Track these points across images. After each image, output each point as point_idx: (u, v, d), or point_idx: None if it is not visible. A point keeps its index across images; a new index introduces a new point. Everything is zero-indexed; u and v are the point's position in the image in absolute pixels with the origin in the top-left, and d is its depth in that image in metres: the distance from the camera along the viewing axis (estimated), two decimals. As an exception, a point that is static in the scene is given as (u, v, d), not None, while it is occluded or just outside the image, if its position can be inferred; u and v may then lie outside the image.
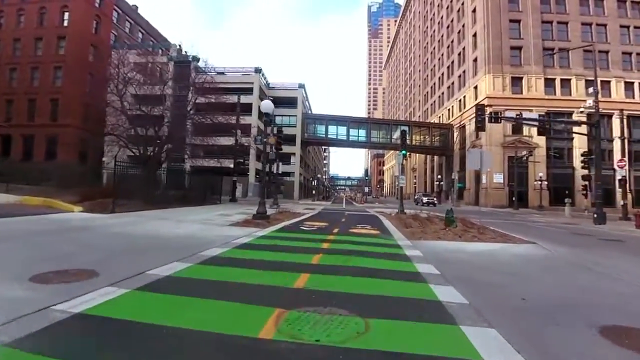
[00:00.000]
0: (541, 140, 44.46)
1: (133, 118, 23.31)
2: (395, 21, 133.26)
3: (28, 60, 44.56)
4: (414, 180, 73.89)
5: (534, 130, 46.92)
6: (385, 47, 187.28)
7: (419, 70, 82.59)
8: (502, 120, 27.55)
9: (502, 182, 44.81)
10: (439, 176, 54.14)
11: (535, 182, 42.91)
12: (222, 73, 47.70)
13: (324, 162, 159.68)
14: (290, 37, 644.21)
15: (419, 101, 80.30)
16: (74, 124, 45.57)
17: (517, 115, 26.99)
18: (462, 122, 53.29)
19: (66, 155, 43.12)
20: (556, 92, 47.01)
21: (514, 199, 41.15)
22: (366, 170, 70.22)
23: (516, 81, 47.35)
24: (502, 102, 44.84)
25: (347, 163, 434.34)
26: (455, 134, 56.12)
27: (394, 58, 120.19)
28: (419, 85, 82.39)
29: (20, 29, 44.87)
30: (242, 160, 27.32)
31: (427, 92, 75.23)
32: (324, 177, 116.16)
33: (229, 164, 47.94)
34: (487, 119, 23.10)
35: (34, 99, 44.75)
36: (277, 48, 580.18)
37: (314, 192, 47.42)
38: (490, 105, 45.20)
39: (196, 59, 43.53)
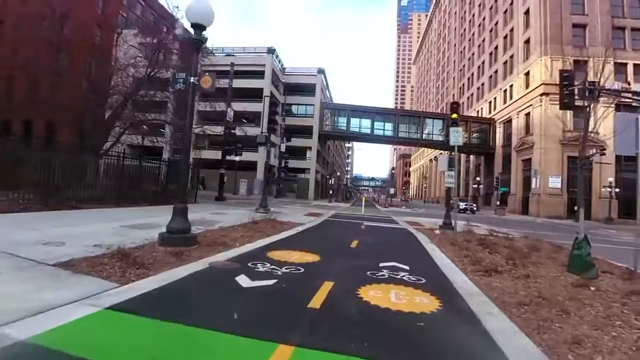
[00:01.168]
0: (610, 138, 36.38)
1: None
2: (426, 15, 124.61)
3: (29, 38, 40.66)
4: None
5: (604, 125, 38.79)
6: (415, 42, 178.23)
7: (454, 62, 74.60)
8: (603, 95, 18.61)
9: (559, 187, 36.87)
10: (477, 178, 46.54)
11: (603, 189, 34.83)
12: (231, 54, 42.10)
13: (347, 161, 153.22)
14: (312, 32, 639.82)
15: (453, 95, 72.29)
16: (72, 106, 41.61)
17: (623, 87, 19.61)
18: (507, 116, 45.46)
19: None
20: (628, 79, 38.50)
21: (577, 208, 33.21)
22: (392, 172, 63.16)
23: (579, 66, 39.13)
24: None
25: (371, 163, 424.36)
26: (498, 130, 48.34)
27: (425, 51, 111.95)
28: (453, 78, 74.40)
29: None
30: (232, 148, 21.48)
31: (463, 85, 67.27)
32: (346, 176, 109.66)
33: (251, 157, 42.44)
34: (577, 91, 15.97)
35: (34, 79, 40.87)
36: (298, 42, 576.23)
37: (330, 192, 41.14)
38: (547, 94, 37.51)
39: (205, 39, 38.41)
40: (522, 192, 41.20)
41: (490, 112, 51.93)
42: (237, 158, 37.89)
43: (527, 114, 41.39)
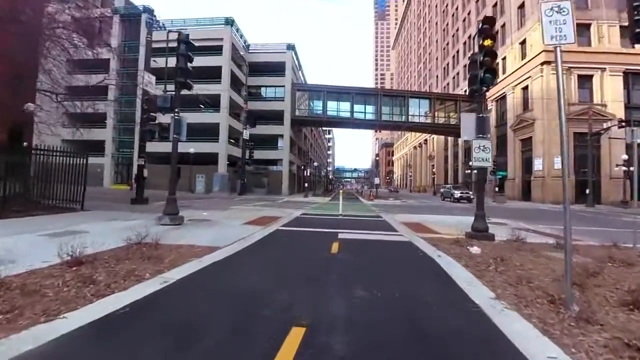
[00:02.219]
0: (619, 110, 32.14)
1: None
2: (404, 0, 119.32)
3: None
4: (433, 170, 61.57)
5: (609, 95, 34.60)
6: (393, 28, 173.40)
7: (436, 41, 69.82)
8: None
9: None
10: (471, 163, 41.75)
11: (616, 169, 30.54)
12: (182, 30, 35.39)
13: (328, 152, 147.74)
14: (283, 18, 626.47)
15: (437, 77, 67.61)
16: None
17: None
18: (500, 92, 40.80)
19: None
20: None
21: (587, 191, 28.91)
22: (376, 160, 57.82)
23: (582, 30, 34.62)
24: (565, 58, 32.12)
25: (353, 154, 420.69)
26: (490, 108, 43.69)
27: (404, 34, 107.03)
28: (437, 59, 69.64)
29: None
30: (149, 130, 15.51)
31: (448, 64, 62.55)
32: (327, 168, 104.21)
33: (210, 148, 35.97)
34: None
35: None
36: (266, 30, 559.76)
37: (306, 184, 35.56)
38: (549, 63, 32.85)
39: (149, 10, 31.86)
40: (521, 176, 36.74)
41: (479, 91, 47.18)
42: (192, 150, 31.79)
43: (525, 88, 36.78)
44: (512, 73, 38.67)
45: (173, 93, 9.61)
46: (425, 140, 72.45)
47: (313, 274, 4.68)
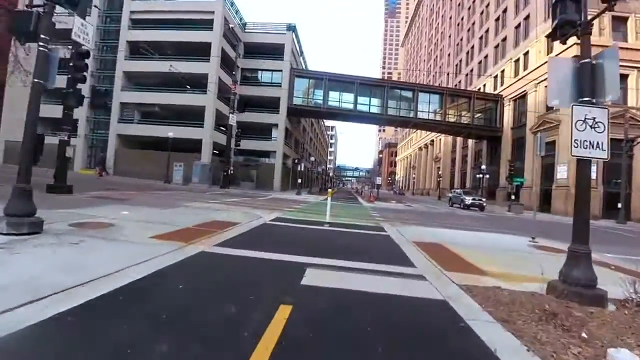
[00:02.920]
0: (657, 115, 28.33)
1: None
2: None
3: None
4: (439, 173, 57.65)
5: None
6: (403, 26, 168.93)
7: (449, 36, 65.83)
8: None
9: (594, 178, 28.57)
10: (483, 167, 37.95)
11: (653, 180, 26.74)
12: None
13: (330, 149, 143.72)
14: (292, 13, 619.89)
15: (448, 74, 63.62)
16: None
17: None
18: (520, 90, 36.87)
19: None
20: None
21: (620, 205, 25.22)
22: (380, 158, 53.79)
23: (618, 24, 30.80)
24: (595, 52, 28.21)
25: (355, 153, 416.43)
26: (507, 108, 39.81)
27: (415, 30, 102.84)
28: (449, 55, 65.69)
29: None
30: (71, 91, 11.68)
31: (460, 61, 58.63)
32: (328, 165, 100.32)
33: (193, 133, 31.98)
34: None
35: None
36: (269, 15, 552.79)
37: (299, 180, 31.84)
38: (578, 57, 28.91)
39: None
40: (540, 183, 32.90)
41: (495, 89, 43.39)
42: (171, 134, 28.00)
43: (550, 86, 32.92)
44: (536, 69, 34.77)
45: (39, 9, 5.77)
46: (432, 141, 68.53)
47: None
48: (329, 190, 8.54)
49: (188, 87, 31.22)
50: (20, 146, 5.44)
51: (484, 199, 29.55)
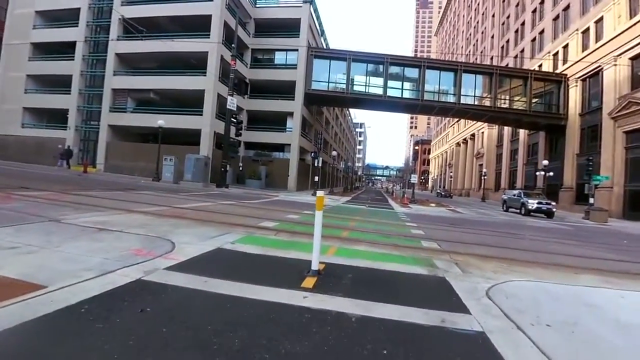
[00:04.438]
0: None
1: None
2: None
3: None
4: (484, 170, 50.31)
5: None
6: (435, 16, 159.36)
7: (492, 15, 58.17)
8: None
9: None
10: (545, 163, 30.80)
11: None
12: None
13: (359, 147, 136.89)
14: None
15: (491, 58, 55.98)
16: None
17: None
18: (593, 67, 29.47)
19: None
20: None
21: None
22: (415, 153, 47.25)
23: None
24: None
25: (384, 151, 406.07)
26: (573, 91, 32.42)
27: (451, 16, 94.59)
28: (492, 37, 58.08)
29: None
30: None
31: (508, 41, 51.04)
32: (356, 163, 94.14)
33: (190, 123, 27.41)
34: None
35: None
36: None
37: (315, 178, 26.54)
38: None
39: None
40: (624, 183, 25.63)
41: (555, 68, 36.01)
42: (162, 122, 23.42)
43: (637, 57, 25.61)
44: (614, 38, 27.49)
45: None
46: (472, 135, 61.01)
47: None
48: (318, 194, 2.58)
49: (187, 69, 26.68)
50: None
51: (552, 203, 22.88)
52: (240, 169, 29.11)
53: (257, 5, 32.20)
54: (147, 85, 27.57)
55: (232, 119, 21.67)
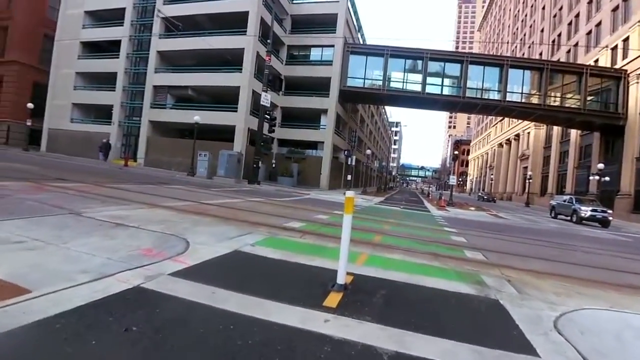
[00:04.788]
0: None
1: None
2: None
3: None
4: (529, 173, 47.27)
5: None
6: (479, 11, 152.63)
7: (542, 8, 54.41)
8: None
9: None
10: (600, 166, 28.19)
11: None
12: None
13: (394, 146, 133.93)
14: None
15: (541, 54, 52.42)
16: (23, 59, 31.51)
17: None
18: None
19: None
20: None
21: None
22: (454, 154, 45.09)
23: None
24: None
25: (419, 151, 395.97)
26: (634, 88, 29.42)
27: (496, 10, 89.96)
28: (541, 31, 54.34)
29: None
30: None
31: (559, 35, 47.51)
32: (391, 163, 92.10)
33: (225, 119, 27.55)
34: None
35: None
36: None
37: (348, 177, 25.86)
38: None
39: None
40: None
41: (614, 63, 32.93)
42: (198, 118, 23.71)
43: None
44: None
45: None
46: (517, 135, 57.58)
47: None
48: (347, 194, 1.96)
49: (223, 66, 26.91)
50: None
51: (609, 211, 20.75)
52: (273, 165, 29.04)
53: (294, 2, 31.92)
54: (185, 82, 28.13)
55: (266, 116, 21.52)
